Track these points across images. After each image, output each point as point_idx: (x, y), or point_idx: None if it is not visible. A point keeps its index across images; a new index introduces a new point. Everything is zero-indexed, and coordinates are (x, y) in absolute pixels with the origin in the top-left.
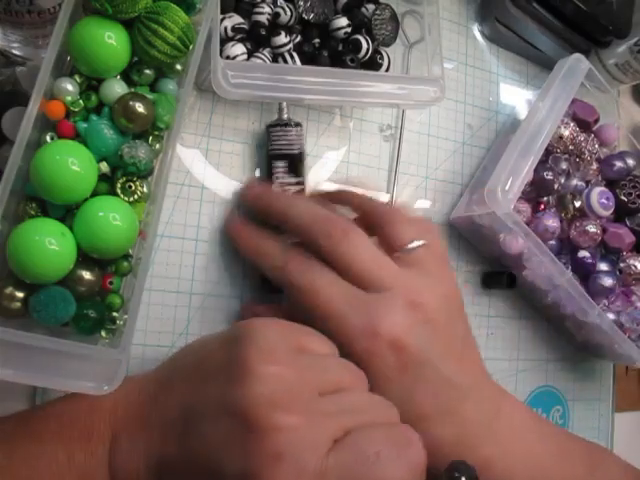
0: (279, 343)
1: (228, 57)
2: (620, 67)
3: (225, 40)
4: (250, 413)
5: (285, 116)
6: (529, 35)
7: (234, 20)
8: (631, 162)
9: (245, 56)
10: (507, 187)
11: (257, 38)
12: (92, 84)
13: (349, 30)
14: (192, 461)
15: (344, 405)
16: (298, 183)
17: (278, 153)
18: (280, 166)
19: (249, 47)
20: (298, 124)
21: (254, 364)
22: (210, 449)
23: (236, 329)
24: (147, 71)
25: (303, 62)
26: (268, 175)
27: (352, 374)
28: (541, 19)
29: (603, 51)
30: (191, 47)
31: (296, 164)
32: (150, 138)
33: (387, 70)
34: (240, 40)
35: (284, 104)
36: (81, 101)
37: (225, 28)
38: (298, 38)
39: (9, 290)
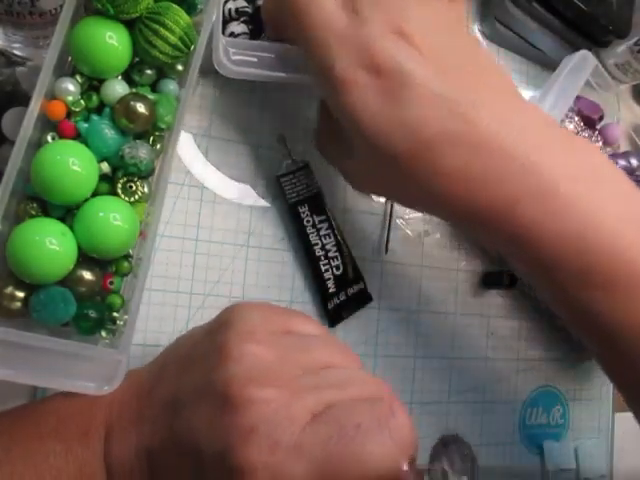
0: (260, 325)
1: (231, 34)
2: (620, 67)
3: (228, 21)
4: (226, 391)
5: (290, 160)
6: (529, 35)
7: (238, 3)
8: (635, 162)
9: (247, 36)
10: None
11: (260, 23)
12: (93, 84)
13: None
14: (178, 448)
15: (328, 380)
16: (327, 220)
17: (298, 200)
18: (305, 211)
19: (251, 28)
20: (306, 165)
21: (233, 346)
22: (193, 433)
23: (221, 315)
24: (148, 71)
25: None
26: (294, 223)
27: (342, 354)
28: (541, 19)
29: (603, 51)
30: (192, 47)
31: (318, 204)
32: (151, 138)
33: None
34: (243, 22)
35: (287, 145)
36: (82, 101)
37: (229, 10)
38: None
39: (9, 290)
